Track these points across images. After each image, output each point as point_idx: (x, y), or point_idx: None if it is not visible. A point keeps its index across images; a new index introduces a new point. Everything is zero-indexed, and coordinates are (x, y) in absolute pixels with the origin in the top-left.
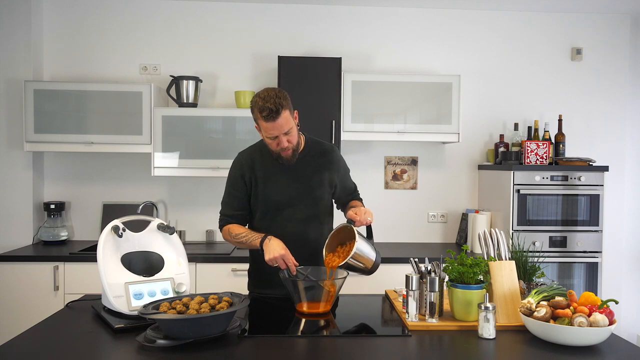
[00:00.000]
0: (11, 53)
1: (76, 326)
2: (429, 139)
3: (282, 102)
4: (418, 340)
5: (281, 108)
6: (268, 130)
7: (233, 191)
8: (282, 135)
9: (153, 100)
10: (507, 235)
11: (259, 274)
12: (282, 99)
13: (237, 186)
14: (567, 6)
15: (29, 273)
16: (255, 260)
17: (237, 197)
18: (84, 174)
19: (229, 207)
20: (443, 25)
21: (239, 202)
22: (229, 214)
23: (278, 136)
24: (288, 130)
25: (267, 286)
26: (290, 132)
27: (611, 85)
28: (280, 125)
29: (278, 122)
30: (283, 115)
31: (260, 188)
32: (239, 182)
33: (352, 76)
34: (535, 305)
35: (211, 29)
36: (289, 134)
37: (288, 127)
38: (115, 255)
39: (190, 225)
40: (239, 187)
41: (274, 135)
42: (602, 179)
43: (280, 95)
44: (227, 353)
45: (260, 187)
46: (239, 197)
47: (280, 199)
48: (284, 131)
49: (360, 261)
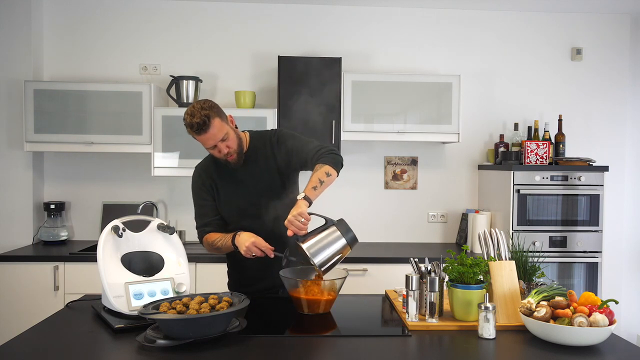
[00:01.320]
0: (11, 53)
1: (76, 326)
2: (429, 139)
3: (209, 113)
4: (418, 340)
5: (208, 119)
6: (204, 142)
7: (201, 201)
8: (219, 142)
9: (153, 100)
10: (507, 235)
11: (237, 273)
12: (208, 110)
13: (203, 195)
14: (567, 6)
15: (29, 273)
16: (232, 260)
17: (206, 205)
18: (84, 174)
19: (202, 216)
20: (443, 25)
21: (209, 209)
22: (205, 222)
23: (216, 145)
24: (223, 136)
25: (248, 283)
26: (226, 137)
27: (611, 85)
28: (214, 135)
29: (210, 132)
30: (213, 125)
31: (222, 195)
32: (203, 190)
33: (352, 76)
34: (535, 305)
35: (211, 29)
36: (226, 140)
37: (222, 134)
38: (115, 255)
39: (190, 225)
40: (204, 196)
41: (212, 145)
42: (602, 179)
43: (206, 106)
44: (227, 353)
45: (221, 194)
46: (208, 205)
47: (240, 203)
48: (219, 139)
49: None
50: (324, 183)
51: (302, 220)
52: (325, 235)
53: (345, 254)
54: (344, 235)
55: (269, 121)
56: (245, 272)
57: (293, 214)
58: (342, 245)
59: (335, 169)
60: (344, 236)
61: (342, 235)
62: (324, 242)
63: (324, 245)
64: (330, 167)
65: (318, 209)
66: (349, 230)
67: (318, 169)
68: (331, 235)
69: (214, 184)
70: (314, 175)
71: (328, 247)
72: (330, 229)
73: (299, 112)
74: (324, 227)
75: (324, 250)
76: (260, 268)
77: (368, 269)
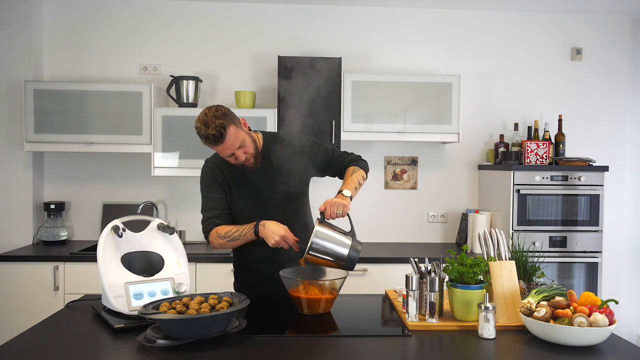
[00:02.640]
0: (11, 53)
1: (76, 326)
2: (429, 139)
3: (223, 122)
4: (418, 340)
5: (224, 129)
6: (221, 152)
7: (211, 194)
8: (237, 150)
9: (153, 100)
10: (507, 235)
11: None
12: (221, 119)
13: (214, 188)
14: (567, 6)
15: (29, 273)
16: (242, 260)
17: (217, 198)
18: (84, 174)
19: (211, 209)
20: (443, 25)
21: (220, 202)
22: (214, 215)
23: (233, 153)
24: (240, 144)
25: (256, 286)
26: (243, 144)
27: (611, 85)
28: (231, 144)
29: (227, 142)
30: (229, 134)
31: (234, 195)
32: (214, 184)
33: (352, 76)
34: (535, 305)
35: (211, 29)
36: (243, 147)
37: (239, 141)
38: (115, 255)
39: (190, 225)
40: (216, 189)
41: (229, 154)
42: (602, 179)
43: (219, 114)
44: (227, 353)
45: (233, 193)
46: (220, 198)
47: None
48: (236, 147)
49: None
50: (361, 185)
51: (340, 211)
52: (340, 238)
53: (335, 266)
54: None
55: (269, 121)
56: (254, 275)
57: (339, 200)
58: (341, 254)
59: (366, 176)
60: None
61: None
62: (334, 240)
63: (331, 241)
64: (365, 172)
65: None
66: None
67: (356, 171)
68: (343, 243)
69: (226, 181)
70: (354, 176)
71: (333, 245)
72: (347, 237)
73: (298, 112)
74: (345, 232)
75: (328, 243)
76: (271, 272)
77: (368, 269)
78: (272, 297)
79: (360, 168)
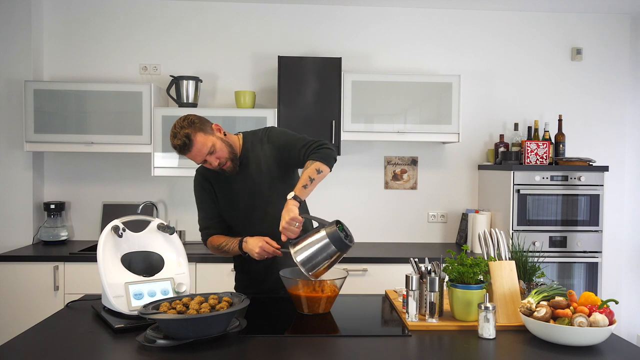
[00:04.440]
0: (11, 53)
1: (76, 326)
2: (429, 139)
3: (189, 132)
4: (418, 340)
5: (189, 139)
6: (192, 159)
7: (203, 204)
8: (208, 156)
9: (153, 100)
10: (507, 235)
11: (244, 275)
12: (187, 128)
13: (204, 197)
14: (567, 6)
15: (29, 273)
16: (241, 261)
17: (208, 207)
18: (84, 174)
19: (205, 219)
20: (443, 25)
21: (211, 211)
22: (208, 225)
23: (205, 159)
24: (210, 150)
25: (254, 284)
26: (213, 150)
27: (611, 85)
28: (199, 150)
29: (195, 150)
30: (197, 141)
31: (220, 199)
32: (203, 194)
33: (352, 76)
34: (535, 305)
35: (211, 29)
36: (213, 153)
37: (207, 148)
38: (115, 255)
39: (190, 225)
40: (205, 199)
41: (201, 161)
42: (602, 179)
43: (185, 124)
44: (227, 353)
45: (219, 197)
46: (210, 208)
47: (237, 206)
48: (205, 153)
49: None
50: (314, 181)
51: (297, 225)
52: (313, 241)
53: (339, 257)
54: (332, 241)
55: (269, 121)
56: (252, 274)
57: (286, 219)
58: (330, 250)
59: (327, 164)
60: (332, 241)
61: (330, 241)
62: (313, 249)
63: (311, 252)
64: (321, 163)
65: (318, 208)
66: (338, 234)
67: (309, 166)
68: (320, 242)
69: (212, 188)
70: (305, 173)
71: (316, 253)
72: (319, 234)
73: (299, 112)
74: (315, 230)
75: (312, 255)
76: (266, 269)
77: (368, 269)
78: (272, 297)
79: (317, 159)
